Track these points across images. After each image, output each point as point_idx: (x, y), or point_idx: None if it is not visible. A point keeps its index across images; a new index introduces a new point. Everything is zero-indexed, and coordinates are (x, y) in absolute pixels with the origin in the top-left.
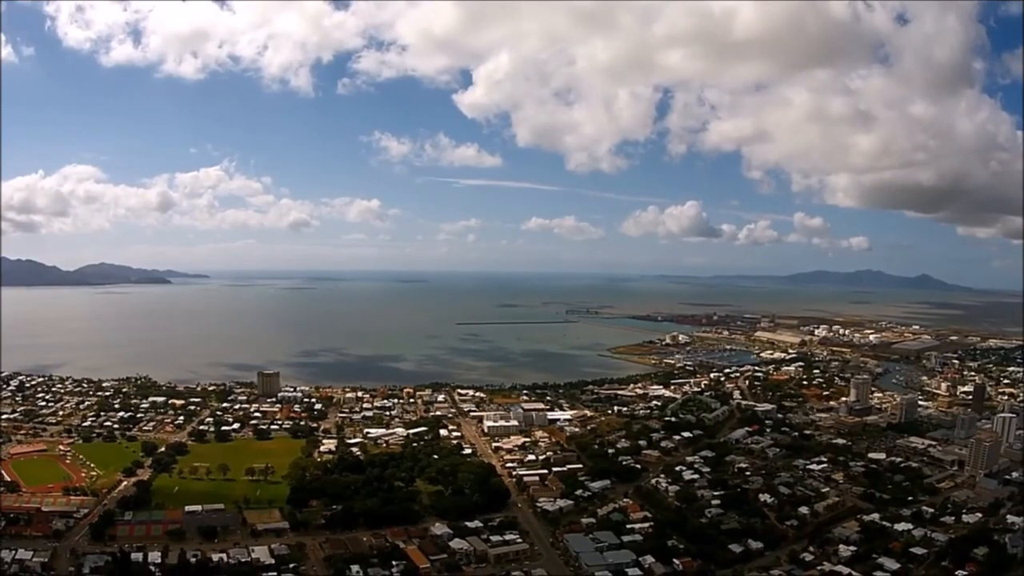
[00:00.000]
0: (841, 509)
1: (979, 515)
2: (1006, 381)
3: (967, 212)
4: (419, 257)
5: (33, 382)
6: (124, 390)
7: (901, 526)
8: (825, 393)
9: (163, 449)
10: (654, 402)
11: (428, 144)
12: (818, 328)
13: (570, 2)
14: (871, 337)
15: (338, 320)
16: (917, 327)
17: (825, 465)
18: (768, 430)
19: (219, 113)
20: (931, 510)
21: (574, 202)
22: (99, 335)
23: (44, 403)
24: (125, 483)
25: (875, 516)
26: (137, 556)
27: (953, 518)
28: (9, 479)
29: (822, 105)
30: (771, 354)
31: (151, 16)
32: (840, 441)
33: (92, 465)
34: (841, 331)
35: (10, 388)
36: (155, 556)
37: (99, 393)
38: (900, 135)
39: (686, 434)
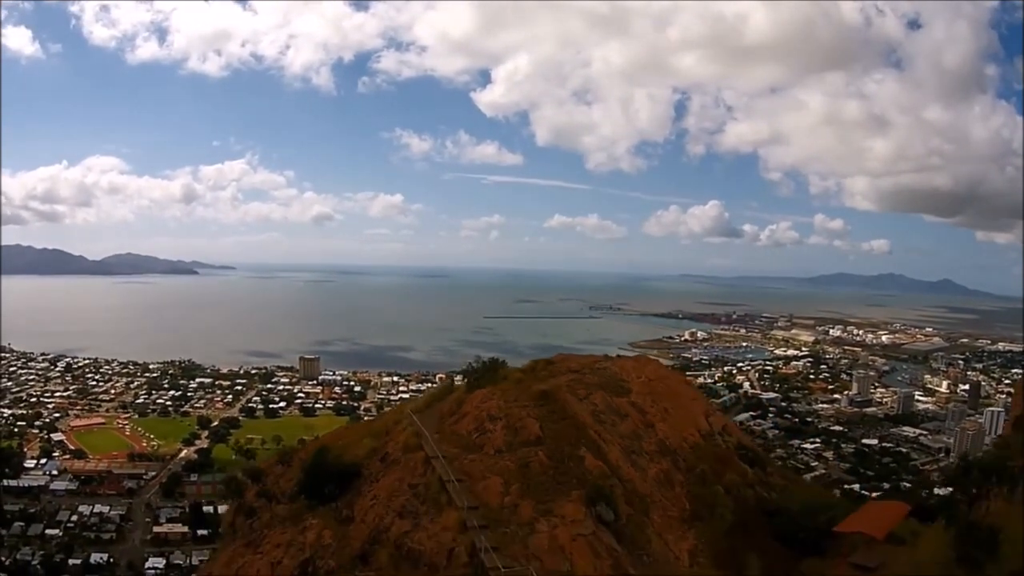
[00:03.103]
0: (826, 480)
1: (950, 489)
2: (1007, 381)
3: (984, 217)
4: (442, 253)
5: (80, 364)
6: (170, 372)
7: (877, 495)
8: (830, 387)
9: (217, 423)
10: None
11: (449, 141)
12: (833, 328)
13: (584, 5)
14: (883, 338)
15: (356, 313)
16: (930, 329)
17: (818, 445)
18: (771, 415)
19: (242, 109)
20: (909, 485)
21: (597, 201)
22: (129, 323)
23: (95, 383)
24: (186, 451)
25: (856, 486)
26: (208, 508)
27: (926, 491)
28: (73, 448)
29: (836, 108)
30: (785, 351)
31: (174, 16)
32: (837, 428)
33: (151, 436)
34: (855, 331)
35: (58, 369)
36: (224, 508)
37: (146, 374)
38: (915, 139)
39: None
